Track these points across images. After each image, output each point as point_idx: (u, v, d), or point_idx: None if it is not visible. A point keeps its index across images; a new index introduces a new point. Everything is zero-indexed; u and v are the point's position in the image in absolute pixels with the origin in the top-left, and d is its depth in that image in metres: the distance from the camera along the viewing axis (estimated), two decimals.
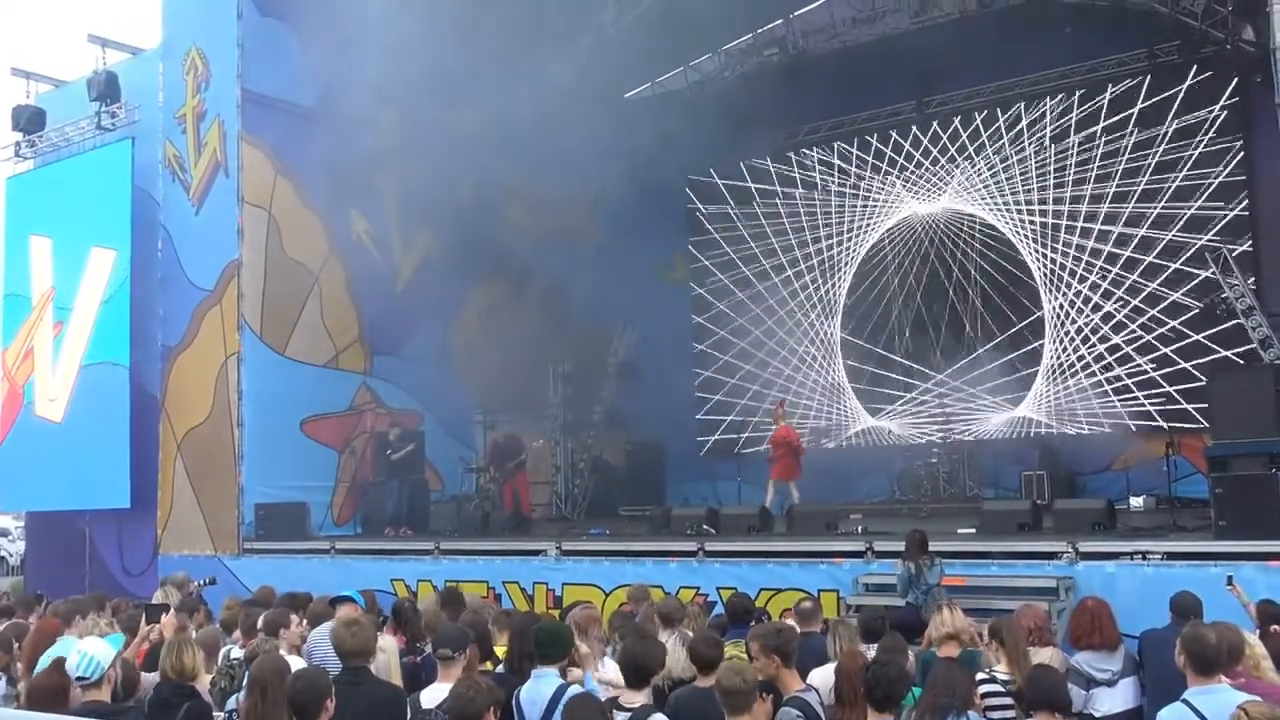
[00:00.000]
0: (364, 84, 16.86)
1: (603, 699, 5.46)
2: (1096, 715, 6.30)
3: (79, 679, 5.31)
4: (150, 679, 6.23)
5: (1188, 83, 16.89)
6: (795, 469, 15.99)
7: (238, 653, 7.42)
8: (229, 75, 16.59)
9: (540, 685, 5.62)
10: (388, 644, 7.04)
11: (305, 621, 8.13)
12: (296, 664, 6.54)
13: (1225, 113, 16.59)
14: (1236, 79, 16.36)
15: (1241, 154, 16.49)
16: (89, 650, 5.42)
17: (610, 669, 6.40)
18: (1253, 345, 15.23)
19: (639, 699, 5.39)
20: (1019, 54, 16.72)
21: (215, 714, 6.51)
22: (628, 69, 19.12)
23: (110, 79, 18.31)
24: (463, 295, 19.31)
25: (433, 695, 5.70)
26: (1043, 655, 6.72)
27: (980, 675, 6.44)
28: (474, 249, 18.39)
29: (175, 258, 17.15)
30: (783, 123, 18.37)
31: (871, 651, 6.71)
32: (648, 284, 19.80)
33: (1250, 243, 16.34)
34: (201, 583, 11.11)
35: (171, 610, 8.15)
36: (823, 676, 6.09)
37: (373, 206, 17.97)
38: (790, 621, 7.35)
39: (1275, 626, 6.85)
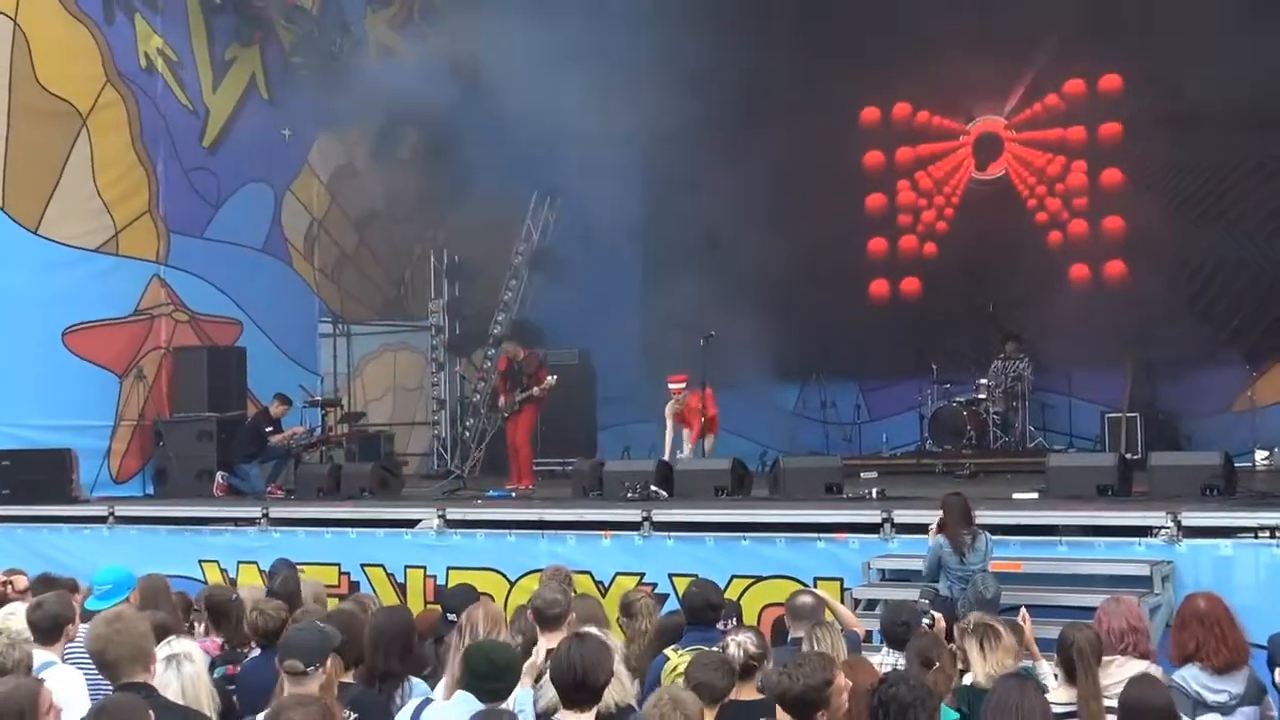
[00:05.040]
0: None
1: None
2: None
3: None
4: None
5: None
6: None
7: None
8: None
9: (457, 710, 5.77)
10: (194, 651, 6.95)
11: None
12: (66, 684, 6.46)
13: None
14: None
15: None
16: None
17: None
18: None
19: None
20: None
21: None
22: None
23: None
24: (303, 150, 19.23)
25: None
26: (1134, 670, 6.76)
27: None
28: (320, 81, 18.16)
29: None
30: None
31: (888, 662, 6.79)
32: (576, 134, 19.53)
33: None
34: None
35: None
36: None
37: (171, 16, 17.74)
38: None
39: None
